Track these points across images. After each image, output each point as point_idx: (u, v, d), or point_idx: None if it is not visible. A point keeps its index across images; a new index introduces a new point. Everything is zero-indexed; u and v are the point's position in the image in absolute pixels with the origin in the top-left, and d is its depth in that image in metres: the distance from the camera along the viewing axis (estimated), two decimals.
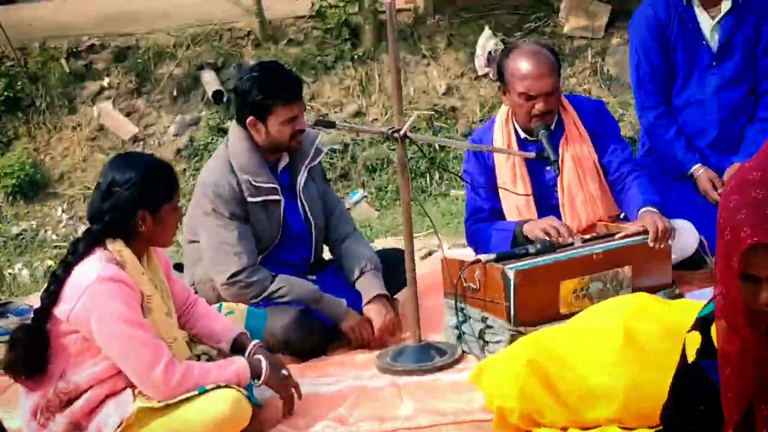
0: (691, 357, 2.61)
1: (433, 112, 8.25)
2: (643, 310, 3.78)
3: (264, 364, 3.79)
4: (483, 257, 4.34)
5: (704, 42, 5.32)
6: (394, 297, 4.92)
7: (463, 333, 4.41)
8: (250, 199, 4.56)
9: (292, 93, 4.55)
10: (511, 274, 4.20)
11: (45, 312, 3.61)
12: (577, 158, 4.85)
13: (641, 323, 3.70)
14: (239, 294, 4.51)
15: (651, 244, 4.50)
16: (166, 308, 3.77)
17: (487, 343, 4.31)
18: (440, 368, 4.27)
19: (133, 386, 3.66)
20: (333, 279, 4.85)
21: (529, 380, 3.61)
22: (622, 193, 4.90)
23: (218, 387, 3.63)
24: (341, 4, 8.56)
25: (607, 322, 3.72)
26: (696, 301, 4.46)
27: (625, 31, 8.59)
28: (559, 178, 4.85)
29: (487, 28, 8.57)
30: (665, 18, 5.34)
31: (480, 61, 8.47)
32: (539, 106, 4.76)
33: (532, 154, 4.64)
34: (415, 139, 4.38)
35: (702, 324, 2.61)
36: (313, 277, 4.83)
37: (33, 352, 3.61)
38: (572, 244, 4.50)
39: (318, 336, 4.55)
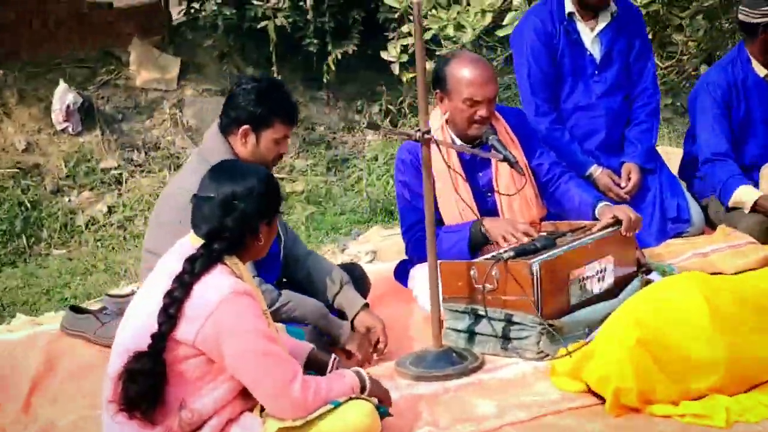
0: None
1: (17, 170, 7.98)
2: (707, 283, 3.97)
3: (366, 375, 3.62)
4: (504, 255, 4.36)
5: (588, 53, 5.65)
6: None
7: (477, 334, 4.40)
8: None
9: (294, 114, 4.40)
10: (536, 268, 4.25)
11: (163, 337, 3.24)
12: None
13: (715, 295, 3.89)
14: None
15: (624, 233, 4.70)
16: (274, 324, 3.51)
17: (510, 340, 4.32)
18: (474, 370, 4.22)
19: (251, 409, 3.37)
20: None
21: (642, 358, 3.69)
22: (558, 194, 5.08)
23: (349, 399, 3.43)
24: None
25: (687, 298, 3.87)
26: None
27: (197, 83, 8.86)
28: (495, 183, 4.97)
29: (62, 81, 8.42)
30: (551, 28, 5.62)
31: (58, 116, 8.29)
32: (482, 112, 4.84)
33: (500, 156, 4.71)
34: (441, 144, 4.36)
35: None
36: None
37: (154, 383, 3.23)
38: (564, 235, 4.63)
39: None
